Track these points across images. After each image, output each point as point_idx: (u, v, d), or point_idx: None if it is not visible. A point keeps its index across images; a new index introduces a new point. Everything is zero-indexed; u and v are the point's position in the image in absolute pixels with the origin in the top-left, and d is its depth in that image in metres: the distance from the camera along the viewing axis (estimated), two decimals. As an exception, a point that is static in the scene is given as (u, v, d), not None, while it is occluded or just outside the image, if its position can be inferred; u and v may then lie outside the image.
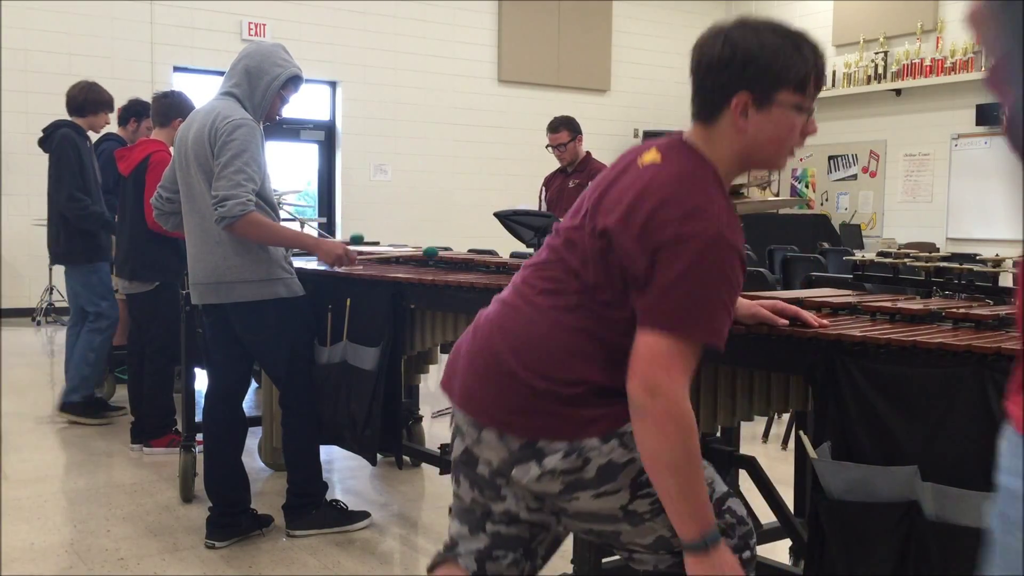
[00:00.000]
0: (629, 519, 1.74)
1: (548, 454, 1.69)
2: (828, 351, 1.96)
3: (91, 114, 5.14)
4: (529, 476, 1.71)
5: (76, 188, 4.94)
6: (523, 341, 1.73)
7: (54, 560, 3.21)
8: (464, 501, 1.86)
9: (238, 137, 3.16)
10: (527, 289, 1.79)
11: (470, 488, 1.83)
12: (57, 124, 5.11)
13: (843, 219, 11.67)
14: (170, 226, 3.55)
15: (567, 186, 5.70)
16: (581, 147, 5.72)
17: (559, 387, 1.68)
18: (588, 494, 1.71)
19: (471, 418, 1.77)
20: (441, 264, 3.67)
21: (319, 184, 11.31)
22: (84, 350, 5.12)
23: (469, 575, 1.84)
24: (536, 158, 12.05)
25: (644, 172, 1.70)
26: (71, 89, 5.19)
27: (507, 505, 1.80)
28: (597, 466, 1.69)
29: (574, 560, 2.51)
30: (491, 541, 1.83)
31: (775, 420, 5.06)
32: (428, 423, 5.08)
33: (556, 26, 12.25)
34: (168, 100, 4.67)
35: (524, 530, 1.83)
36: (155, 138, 4.72)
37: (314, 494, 3.49)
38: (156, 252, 4.59)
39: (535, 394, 1.69)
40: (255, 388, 4.97)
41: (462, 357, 1.83)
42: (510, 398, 1.71)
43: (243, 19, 10.33)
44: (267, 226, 3.20)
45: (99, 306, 5.09)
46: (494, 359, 1.75)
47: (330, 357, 3.52)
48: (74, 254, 5.07)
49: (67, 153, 4.97)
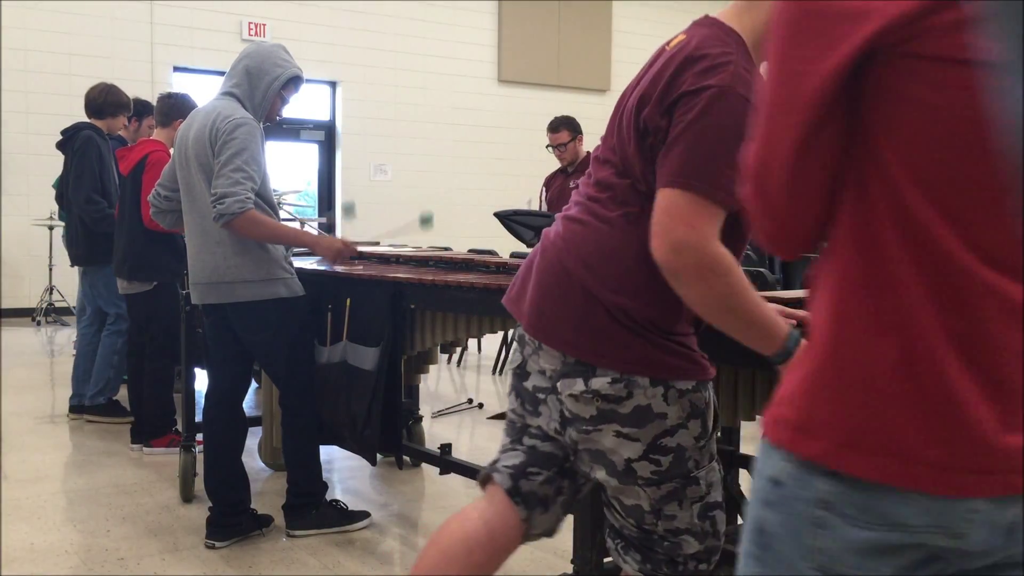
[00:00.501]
0: (626, 475, 1.77)
1: (598, 375, 1.72)
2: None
3: (110, 116, 5.15)
4: (572, 390, 1.74)
5: (94, 191, 4.95)
6: (596, 256, 1.73)
7: (54, 560, 3.21)
8: (511, 414, 1.92)
9: (239, 136, 3.16)
10: (591, 203, 1.78)
11: (516, 399, 1.90)
12: (78, 126, 5.12)
13: (843, 219, 11.68)
14: (167, 224, 3.55)
15: (568, 186, 5.69)
16: (582, 147, 5.72)
17: (631, 303, 1.69)
18: (612, 429, 1.73)
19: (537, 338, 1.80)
20: (441, 264, 3.66)
21: (319, 184, 11.31)
22: (108, 353, 5.16)
23: (505, 490, 1.87)
24: (536, 158, 12.06)
25: (671, 50, 1.70)
26: (90, 91, 5.19)
27: (541, 421, 1.85)
28: (635, 405, 1.71)
29: (574, 560, 2.51)
30: (526, 457, 1.88)
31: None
32: (428, 423, 5.08)
33: (556, 26, 12.25)
34: (171, 101, 4.68)
35: (558, 448, 1.86)
36: (155, 138, 4.73)
37: (314, 494, 3.49)
38: (154, 252, 4.59)
39: (607, 312, 1.70)
40: (255, 388, 4.97)
41: (533, 274, 1.83)
42: (580, 316, 1.72)
43: (243, 19, 10.33)
44: (266, 224, 3.20)
45: (119, 307, 5.12)
46: (566, 276, 1.75)
47: (330, 357, 3.52)
48: (95, 256, 5.08)
49: (89, 155, 4.97)
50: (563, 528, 2.00)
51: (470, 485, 4.02)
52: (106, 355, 5.16)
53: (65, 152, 5.18)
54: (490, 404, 5.87)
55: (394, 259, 3.96)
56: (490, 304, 3.05)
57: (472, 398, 5.93)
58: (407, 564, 3.29)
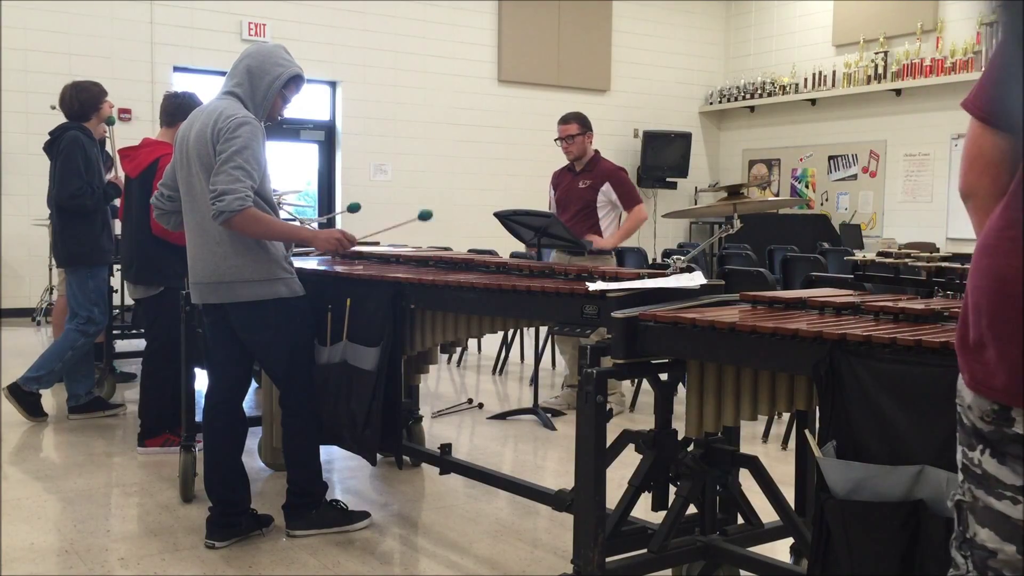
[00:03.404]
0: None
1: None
2: (833, 350, 1.95)
3: (93, 113, 5.11)
4: None
5: (80, 187, 4.89)
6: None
7: (54, 560, 3.20)
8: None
9: (241, 134, 3.16)
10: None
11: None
12: (64, 127, 5.07)
13: (843, 219, 11.67)
14: (171, 225, 3.54)
15: (576, 186, 5.69)
16: (590, 145, 5.71)
17: None
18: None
19: None
20: (441, 264, 3.66)
21: (319, 184, 11.30)
22: (64, 345, 5.06)
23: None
24: (536, 158, 12.06)
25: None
26: (61, 101, 5.10)
27: None
28: None
29: (574, 560, 2.50)
30: None
31: (775, 420, 5.05)
32: (428, 423, 5.08)
33: (556, 26, 12.25)
34: (177, 100, 4.65)
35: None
36: (160, 139, 4.69)
37: (314, 494, 3.48)
38: (161, 256, 4.54)
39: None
40: (255, 388, 4.96)
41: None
42: None
43: (243, 19, 10.33)
44: (264, 221, 3.20)
45: (91, 311, 5.06)
46: None
47: (330, 357, 3.52)
48: (73, 258, 5.05)
49: (74, 156, 4.90)
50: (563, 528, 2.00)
51: (470, 485, 4.02)
52: (62, 347, 5.05)
53: (51, 154, 5.09)
54: (490, 404, 5.87)
55: (394, 259, 3.96)
56: (490, 304, 3.05)
57: (472, 398, 5.92)
58: (407, 564, 3.29)
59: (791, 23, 12.81)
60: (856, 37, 11.76)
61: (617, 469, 2.85)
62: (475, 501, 3.90)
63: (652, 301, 2.58)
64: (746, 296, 2.56)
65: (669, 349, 2.40)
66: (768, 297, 2.53)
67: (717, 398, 2.33)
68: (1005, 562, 1.47)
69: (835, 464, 1.88)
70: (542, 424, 5.29)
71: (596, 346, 2.47)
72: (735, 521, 2.91)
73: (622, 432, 2.81)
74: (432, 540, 3.48)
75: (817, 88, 12.19)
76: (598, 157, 5.75)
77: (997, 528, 1.48)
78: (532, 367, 6.34)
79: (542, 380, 6.42)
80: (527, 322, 3.30)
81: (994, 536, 1.48)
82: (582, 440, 2.43)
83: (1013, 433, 1.43)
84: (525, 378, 6.81)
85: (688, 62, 13.38)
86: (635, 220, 5.64)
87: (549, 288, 2.82)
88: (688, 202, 13.01)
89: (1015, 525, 1.45)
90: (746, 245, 7.68)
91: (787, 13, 12.90)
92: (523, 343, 7.31)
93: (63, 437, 4.90)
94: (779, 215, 11.57)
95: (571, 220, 5.58)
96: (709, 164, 13.63)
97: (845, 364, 1.91)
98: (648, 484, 2.72)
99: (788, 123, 12.79)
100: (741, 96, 13.04)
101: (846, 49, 11.96)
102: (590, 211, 5.62)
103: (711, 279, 2.81)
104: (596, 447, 2.40)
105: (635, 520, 2.83)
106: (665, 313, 2.37)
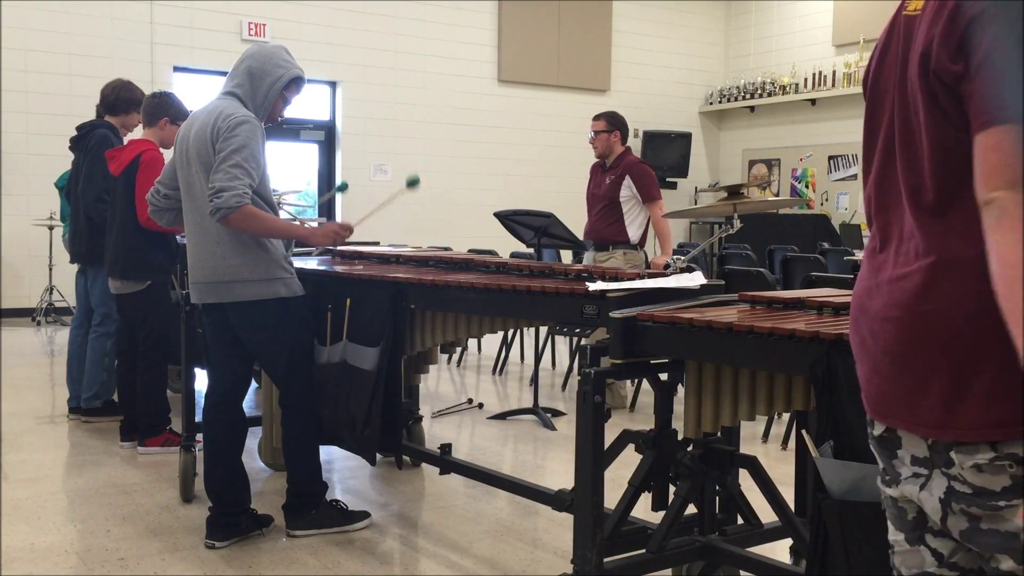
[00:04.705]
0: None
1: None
2: (830, 350, 1.95)
3: (123, 112, 5.15)
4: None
5: (104, 191, 4.90)
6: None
7: (54, 560, 3.20)
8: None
9: (240, 133, 3.17)
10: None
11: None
12: (94, 124, 5.12)
13: (843, 219, 11.67)
14: (165, 222, 3.55)
15: (604, 182, 5.78)
16: (616, 142, 5.75)
17: None
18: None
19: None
20: (441, 264, 3.66)
21: (319, 184, 11.30)
22: (97, 356, 5.13)
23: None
24: (536, 158, 12.08)
25: (922, 9, 1.44)
26: (105, 88, 5.21)
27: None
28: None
29: (574, 560, 2.51)
30: None
31: (775, 420, 5.05)
32: (428, 423, 5.08)
33: (556, 26, 12.25)
34: (156, 100, 4.75)
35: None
36: (145, 137, 4.74)
37: (314, 494, 3.49)
38: (146, 251, 4.59)
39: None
40: (255, 388, 4.97)
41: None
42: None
43: (243, 19, 10.33)
44: (261, 218, 3.21)
45: (109, 308, 5.10)
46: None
47: (330, 357, 3.52)
48: (96, 255, 5.06)
49: (102, 154, 4.93)
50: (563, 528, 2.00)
51: (470, 485, 4.02)
52: (96, 359, 5.13)
53: (78, 149, 5.15)
54: (490, 404, 5.87)
55: (394, 259, 3.97)
56: (490, 304, 3.05)
57: (472, 398, 5.93)
58: (407, 564, 3.30)
59: (791, 23, 12.81)
60: (856, 37, 11.76)
61: (617, 469, 2.86)
62: (475, 501, 3.91)
63: (652, 301, 2.58)
64: (745, 296, 2.56)
65: (667, 349, 2.41)
66: (767, 297, 2.53)
67: (715, 398, 2.33)
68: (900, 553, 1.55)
69: (832, 464, 1.88)
70: (542, 424, 5.30)
71: (595, 346, 2.47)
72: (734, 521, 2.92)
73: (622, 432, 2.81)
74: (432, 540, 3.48)
75: (817, 88, 12.19)
76: (626, 153, 5.81)
77: (892, 518, 1.57)
78: (532, 367, 6.34)
79: (542, 380, 6.43)
80: (527, 322, 3.30)
81: (892, 527, 1.57)
82: (581, 440, 2.44)
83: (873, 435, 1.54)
84: (525, 378, 6.82)
85: (688, 62, 13.38)
86: (657, 222, 5.74)
87: (549, 288, 2.82)
88: (688, 202, 13.01)
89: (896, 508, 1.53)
90: (746, 245, 7.69)
91: (787, 13, 12.90)
92: (523, 343, 7.31)
93: (63, 437, 4.90)
94: (779, 215, 11.57)
95: (598, 215, 5.73)
96: (709, 164, 13.64)
97: (842, 364, 1.91)
98: (648, 484, 2.72)
99: (788, 123, 12.79)
100: (741, 96, 13.05)
101: (846, 49, 11.96)
102: (614, 206, 5.70)
103: (711, 279, 2.81)
104: (595, 447, 2.41)
105: (635, 520, 2.83)
106: (663, 313, 2.38)
